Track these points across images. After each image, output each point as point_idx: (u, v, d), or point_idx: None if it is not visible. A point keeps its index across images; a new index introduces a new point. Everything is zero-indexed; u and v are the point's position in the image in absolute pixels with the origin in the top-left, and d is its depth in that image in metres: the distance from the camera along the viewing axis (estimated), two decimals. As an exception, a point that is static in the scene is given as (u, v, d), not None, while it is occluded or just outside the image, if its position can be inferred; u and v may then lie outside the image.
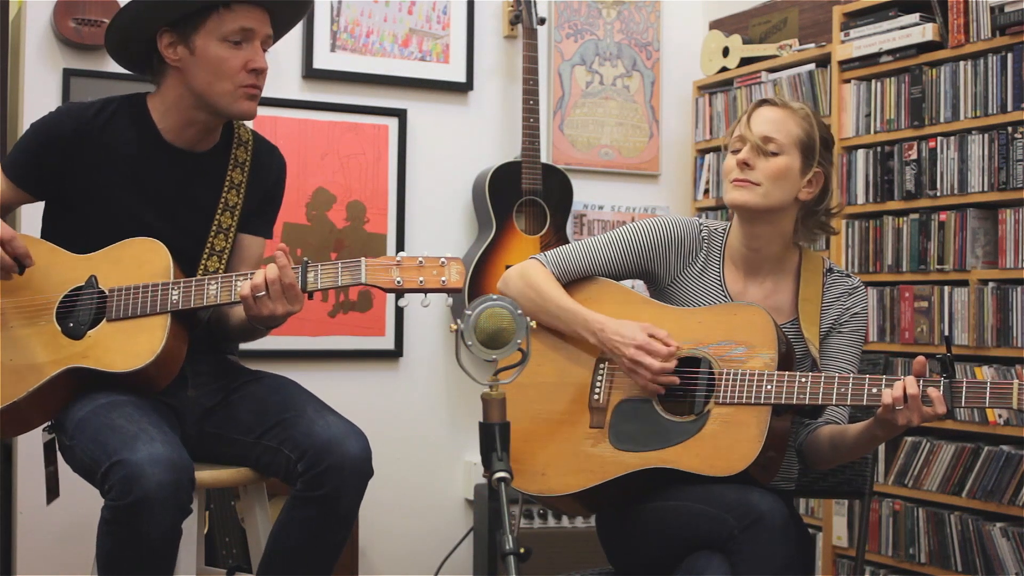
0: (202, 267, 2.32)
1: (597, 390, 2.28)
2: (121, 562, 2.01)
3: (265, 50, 2.31)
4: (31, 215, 2.71)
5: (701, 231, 2.36)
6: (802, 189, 2.27)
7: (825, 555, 3.51)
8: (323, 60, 3.70)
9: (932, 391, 2.01)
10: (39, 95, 3.33)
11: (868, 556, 3.37)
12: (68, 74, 3.35)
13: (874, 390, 2.06)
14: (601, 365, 2.28)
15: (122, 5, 2.35)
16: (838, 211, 2.37)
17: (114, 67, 3.39)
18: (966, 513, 3.13)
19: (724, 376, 2.16)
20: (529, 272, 2.34)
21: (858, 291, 2.34)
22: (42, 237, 2.35)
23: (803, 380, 2.10)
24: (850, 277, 2.36)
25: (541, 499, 2.28)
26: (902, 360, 3.28)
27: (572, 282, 2.36)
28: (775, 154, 2.24)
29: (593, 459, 2.22)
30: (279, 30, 2.38)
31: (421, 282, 2.09)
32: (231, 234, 2.37)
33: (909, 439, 3.29)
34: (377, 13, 3.80)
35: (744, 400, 2.13)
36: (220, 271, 2.34)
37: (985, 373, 3.03)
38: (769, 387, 2.11)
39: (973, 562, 3.08)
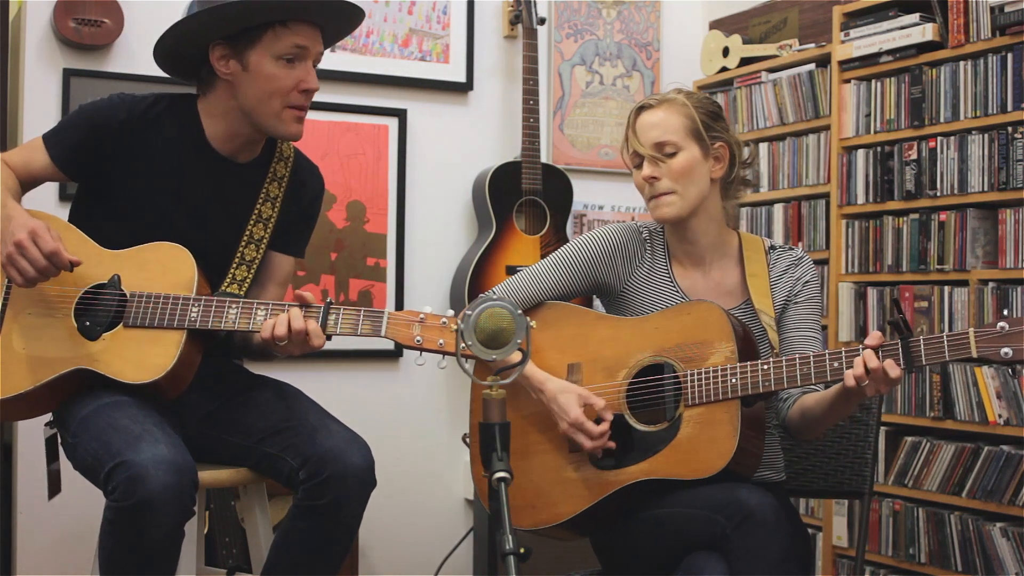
0: (230, 276, 2.32)
1: None
2: (123, 562, 2.01)
3: (315, 66, 2.31)
4: (34, 202, 2.69)
5: (641, 233, 2.39)
6: (712, 169, 2.30)
7: (825, 555, 3.51)
8: (323, 60, 3.69)
9: (888, 361, 2.00)
10: (39, 95, 3.33)
11: (868, 556, 3.37)
12: (68, 74, 3.34)
13: (835, 364, 2.08)
14: None
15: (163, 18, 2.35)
16: (751, 160, 2.41)
17: (115, 67, 3.41)
18: (966, 513, 3.13)
19: (689, 378, 2.17)
20: None
21: (804, 260, 2.37)
22: (71, 220, 2.34)
23: (765, 368, 2.12)
24: (793, 249, 2.39)
25: (535, 532, 2.28)
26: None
27: (527, 311, 2.36)
28: (673, 154, 2.27)
29: (578, 483, 2.22)
30: (327, 44, 2.38)
31: (441, 344, 2.06)
32: (263, 245, 2.37)
33: (909, 439, 3.29)
34: (377, 13, 3.80)
35: (712, 398, 2.14)
36: (248, 280, 2.33)
37: (984, 373, 3.03)
38: (734, 380, 2.13)
39: (973, 562, 3.08)
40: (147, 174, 2.29)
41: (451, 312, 2.09)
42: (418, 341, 2.07)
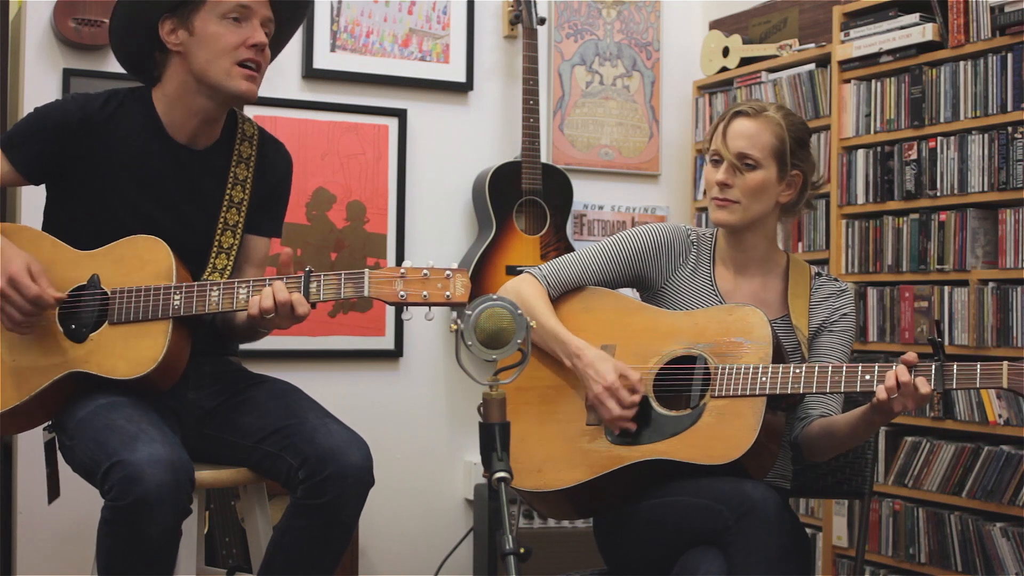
0: (211, 265, 2.32)
1: None
2: (121, 562, 2.01)
3: (266, 35, 2.31)
4: (31, 212, 2.71)
5: (689, 235, 2.43)
6: (782, 194, 2.34)
7: (825, 555, 3.51)
8: (323, 60, 3.70)
9: (919, 379, 2.04)
10: (39, 95, 3.32)
11: (868, 556, 3.37)
12: (68, 74, 3.35)
13: (867, 377, 2.10)
14: None
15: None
16: (821, 184, 2.44)
17: (114, 67, 3.38)
18: (966, 513, 3.13)
19: (719, 370, 2.19)
20: (522, 288, 2.38)
21: (847, 293, 2.40)
22: (44, 227, 2.34)
23: (797, 371, 2.14)
24: (837, 281, 2.43)
25: (537, 496, 2.29)
26: (902, 360, 3.28)
27: (567, 293, 2.40)
28: (752, 168, 2.30)
29: (590, 454, 2.24)
30: (281, 25, 2.38)
31: (425, 296, 2.07)
32: (238, 231, 2.37)
33: (909, 439, 3.29)
34: (377, 13, 3.80)
35: (739, 392, 2.16)
36: (229, 267, 2.34)
37: (985, 373, 3.03)
38: (764, 379, 2.15)
39: (973, 562, 3.08)
40: (112, 171, 2.28)
41: (431, 261, 2.10)
42: (402, 296, 2.07)
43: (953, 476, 3.15)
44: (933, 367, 2.05)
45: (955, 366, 2.04)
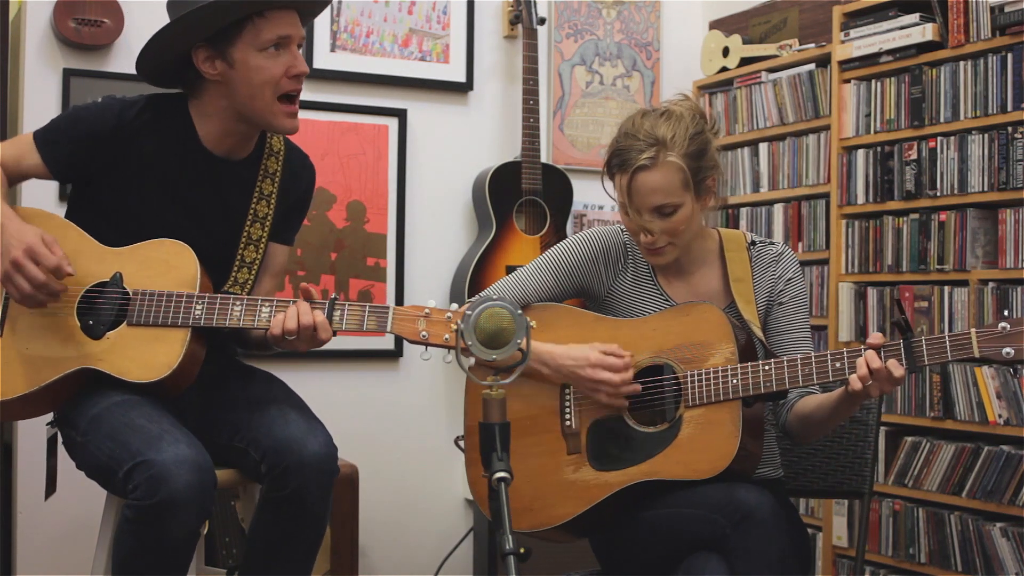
0: (232, 278, 2.31)
1: (567, 415, 2.26)
2: (140, 562, 2.01)
3: (300, 48, 2.28)
4: (33, 197, 2.70)
5: (623, 237, 2.36)
6: (704, 206, 2.26)
7: (825, 555, 3.51)
8: (323, 60, 3.70)
9: (891, 361, 2.01)
10: (39, 95, 3.32)
11: (868, 556, 3.37)
12: (68, 74, 3.34)
13: (837, 364, 2.07)
14: (567, 390, 2.27)
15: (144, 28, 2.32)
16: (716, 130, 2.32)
17: (115, 67, 3.40)
18: (966, 513, 3.13)
19: (689, 379, 2.16)
20: None
21: (785, 255, 2.33)
22: (67, 216, 2.32)
23: (767, 368, 2.11)
24: (774, 244, 2.35)
25: (533, 535, 2.27)
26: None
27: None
28: (672, 212, 2.20)
29: (577, 485, 2.21)
30: (304, 23, 2.35)
31: (447, 339, 2.04)
32: (261, 245, 2.35)
33: (909, 439, 3.29)
34: (377, 13, 3.80)
35: (713, 399, 2.13)
36: (250, 282, 2.32)
37: (984, 373, 3.04)
38: (735, 381, 2.12)
39: (973, 562, 3.08)
40: (142, 178, 2.27)
41: (455, 306, 2.07)
42: (424, 336, 2.05)
43: (953, 476, 3.15)
44: (902, 346, 2.02)
45: (924, 340, 2.00)
